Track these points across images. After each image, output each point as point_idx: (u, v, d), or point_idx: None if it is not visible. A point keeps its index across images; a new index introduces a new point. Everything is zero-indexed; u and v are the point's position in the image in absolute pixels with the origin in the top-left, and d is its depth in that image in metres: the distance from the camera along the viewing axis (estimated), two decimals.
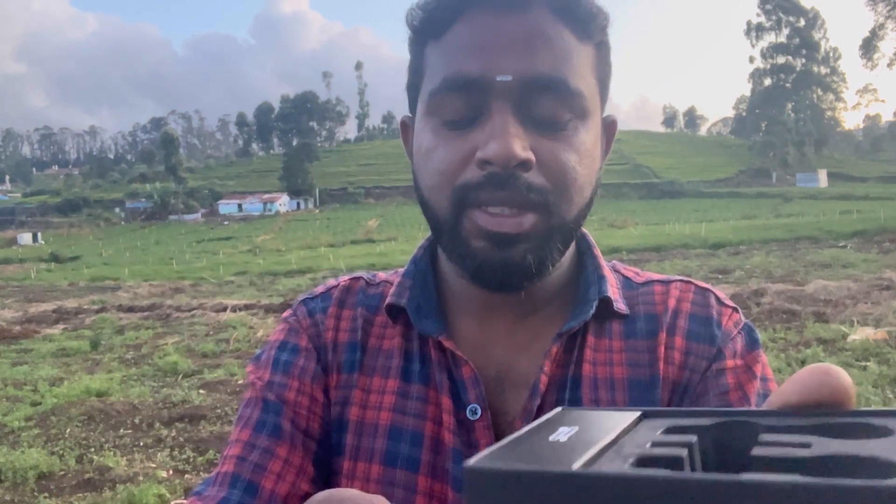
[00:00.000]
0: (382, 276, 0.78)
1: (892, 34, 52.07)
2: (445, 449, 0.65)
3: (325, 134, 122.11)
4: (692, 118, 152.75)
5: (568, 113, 0.60)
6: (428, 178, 0.63)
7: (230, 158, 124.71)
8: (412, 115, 0.69)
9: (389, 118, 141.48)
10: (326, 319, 0.73)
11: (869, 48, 55.40)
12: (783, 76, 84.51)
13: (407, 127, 0.71)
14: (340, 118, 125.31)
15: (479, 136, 0.59)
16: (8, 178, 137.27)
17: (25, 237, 58.92)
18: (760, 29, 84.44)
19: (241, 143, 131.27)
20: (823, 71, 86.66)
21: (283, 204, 72.75)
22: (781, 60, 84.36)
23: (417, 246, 0.77)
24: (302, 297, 0.78)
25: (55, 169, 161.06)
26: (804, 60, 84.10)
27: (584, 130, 0.62)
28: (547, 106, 0.60)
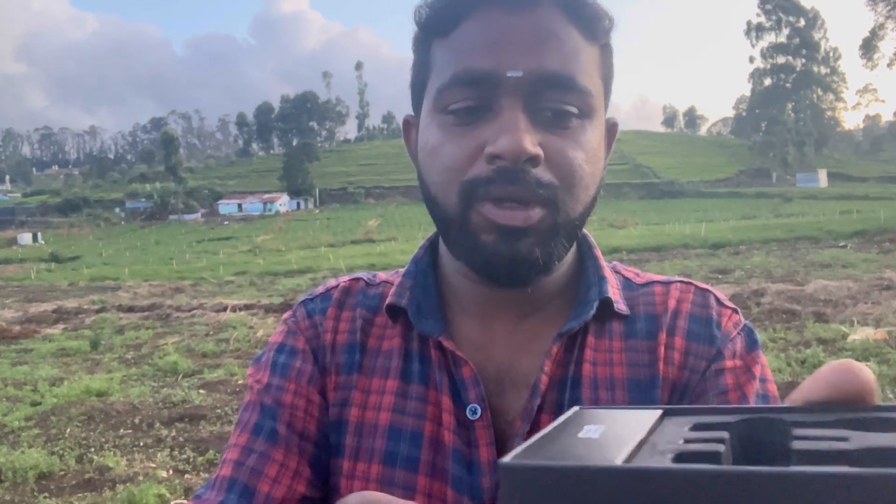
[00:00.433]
0: (382, 276, 0.78)
1: (892, 34, 52.12)
2: (445, 449, 0.65)
3: (325, 134, 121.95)
4: (692, 118, 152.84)
5: (576, 110, 0.61)
6: (435, 173, 0.63)
7: (230, 158, 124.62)
8: (415, 113, 0.69)
9: (389, 118, 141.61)
10: (325, 321, 0.73)
11: (869, 48, 55.40)
12: (783, 76, 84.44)
13: (410, 125, 0.71)
14: (340, 118, 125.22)
15: (487, 131, 0.60)
16: (8, 178, 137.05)
17: (25, 237, 58.90)
18: (760, 29, 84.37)
19: (241, 143, 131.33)
20: (823, 71, 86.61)
21: (283, 204, 72.70)
22: (781, 60, 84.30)
23: (418, 246, 0.77)
24: (302, 298, 0.78)
25: (55, 169, 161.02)
26: (804, 60, 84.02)
27: (590, 129, 0.62)
28: (555, 103, 0.60)
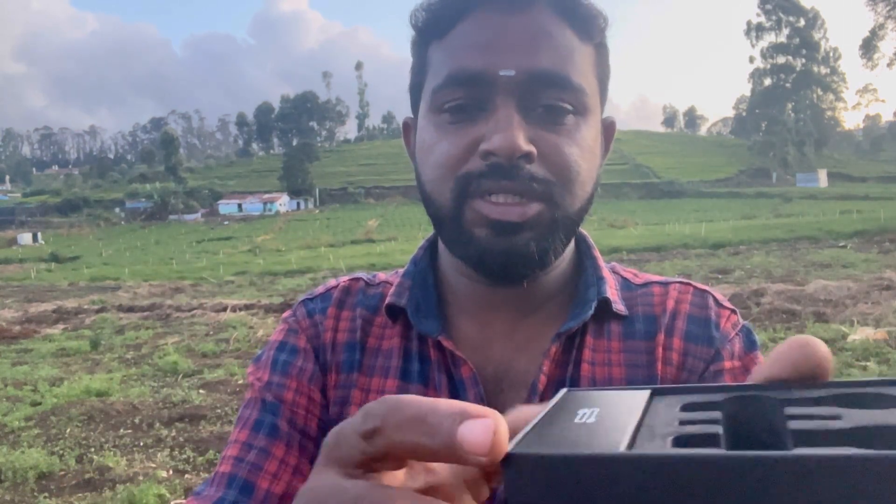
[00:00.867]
0: (382, 276, 0.78)
1: (892, 34, 52.16)
2: None
3: (325, 134, 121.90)
4: (692, 118, 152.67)
5: (570, 108, 0.61)
6: (430, 170, 0.64)
7: (230, 158, 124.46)
8: (414, 116, 0.70)
9: (389, 118, 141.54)
10: (325, 320, 0.73)
11: (869, 48, 55.46)
12: (783, 76, 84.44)
13: (409, 128, 0.72)
14: (340, 118, 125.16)
15: (482, 129, 0.60)
16: (8, 178, 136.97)
17: (25, 237, 58.83)
18: (760, 29, 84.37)
19: (241, 143, 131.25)
20: (823, 71, 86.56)
21: (283, 204, 72.63)
22: (781, 60, 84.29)
23: (418, 246, 0.77)
24: (302, 297, 0.78)
25: (55, 169, 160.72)
26: (804, 60, 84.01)
27: (585, 126, 0.63)
28: (549, 101, 0.61)
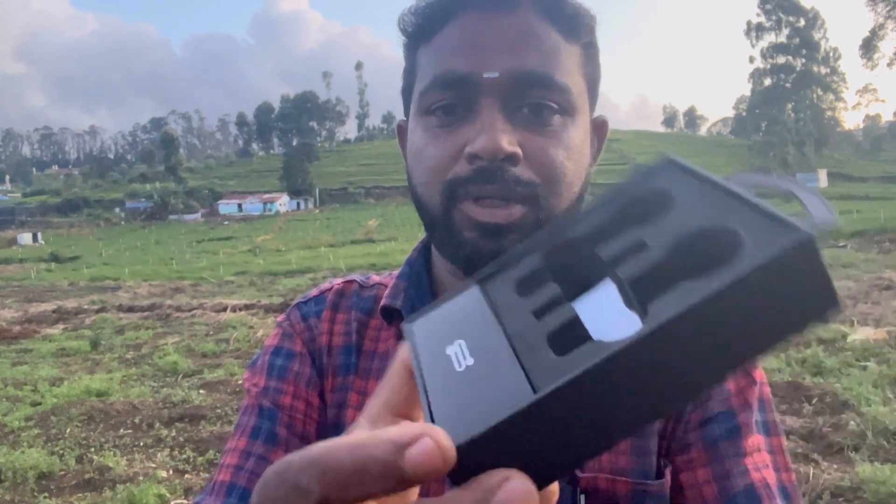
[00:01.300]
0: (376, 278, 0.78)
1: (892, 34, 52.20)
2: None
3: (325, 134, 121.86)
4: (692, 118, 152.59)
5: (555, 108, 0.61)
6: (420, 174, 0.65)
7: (230, 158, 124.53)
8: (407, 119, 0.71)
9: (389, 118, 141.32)
10: (320, 323, 0.73)
11: (869, 48, 55.49)
12: (783, 76, 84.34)
13: (402, 130, 0.73)
14: (340, 118, 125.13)
15: (467, 131, 0.61)
16: (8, 178, 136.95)
17: (25, 237, 58.84)
18: (760, 29, 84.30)
19: (241, 143, 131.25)
20: (823, 71, 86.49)
21: (283, 204, 72.67)
22: (781, 60, 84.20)
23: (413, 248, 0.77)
24: (295, 301, 0.78)
25: (55, 169, 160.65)
26: (804, 60, 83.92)
27: (572, 127, 0.63)
28: (534, 101, 0.61)
